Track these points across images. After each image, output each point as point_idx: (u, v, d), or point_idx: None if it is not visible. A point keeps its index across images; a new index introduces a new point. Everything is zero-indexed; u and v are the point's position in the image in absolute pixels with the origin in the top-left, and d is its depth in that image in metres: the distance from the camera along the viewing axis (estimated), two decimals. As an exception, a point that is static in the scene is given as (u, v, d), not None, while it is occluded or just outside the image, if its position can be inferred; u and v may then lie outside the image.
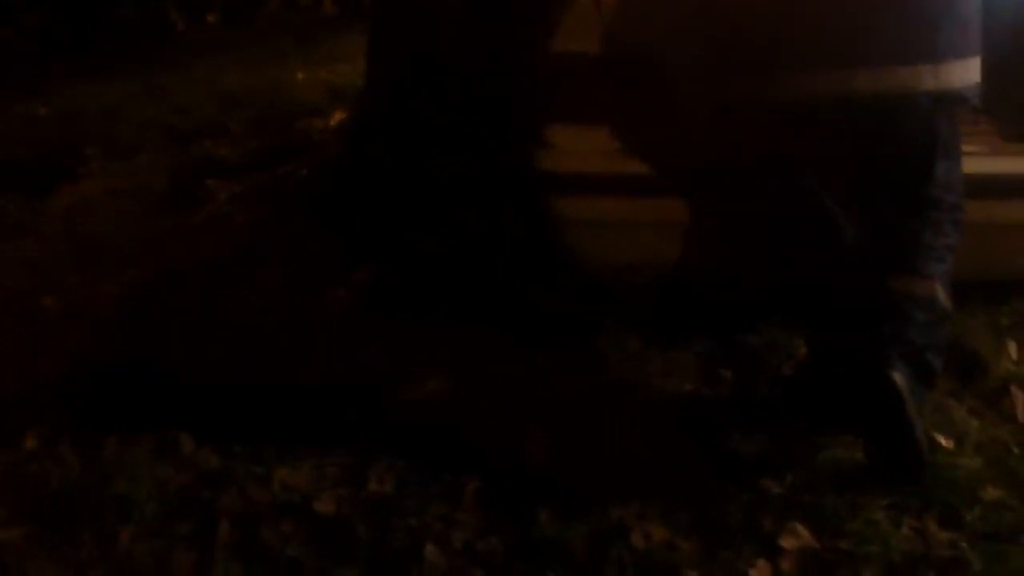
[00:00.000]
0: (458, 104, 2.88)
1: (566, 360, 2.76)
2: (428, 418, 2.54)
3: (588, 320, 2.90)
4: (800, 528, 2.18)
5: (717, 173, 2.56)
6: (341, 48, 6.51)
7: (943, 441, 2.42)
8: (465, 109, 2.88)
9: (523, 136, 2.80)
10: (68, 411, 2.64)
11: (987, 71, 2.33)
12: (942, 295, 2.33)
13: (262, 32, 7.70)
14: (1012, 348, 2.79)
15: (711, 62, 2.42)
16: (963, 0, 2.30)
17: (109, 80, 6.23)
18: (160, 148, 4.74)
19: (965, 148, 2.50)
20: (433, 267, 2.97)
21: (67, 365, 2.84)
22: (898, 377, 2.17)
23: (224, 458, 2.42)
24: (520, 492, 2.30)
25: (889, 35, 2.24)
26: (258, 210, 3.86)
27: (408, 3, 2.96)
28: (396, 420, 2.53)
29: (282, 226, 3.66)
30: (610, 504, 2.26)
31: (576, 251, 2.82)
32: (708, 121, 2.50)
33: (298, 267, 3.30)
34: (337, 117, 5.02)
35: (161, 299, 3.23)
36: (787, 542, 2.15)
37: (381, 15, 3.30)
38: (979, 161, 2.61)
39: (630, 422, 2.53)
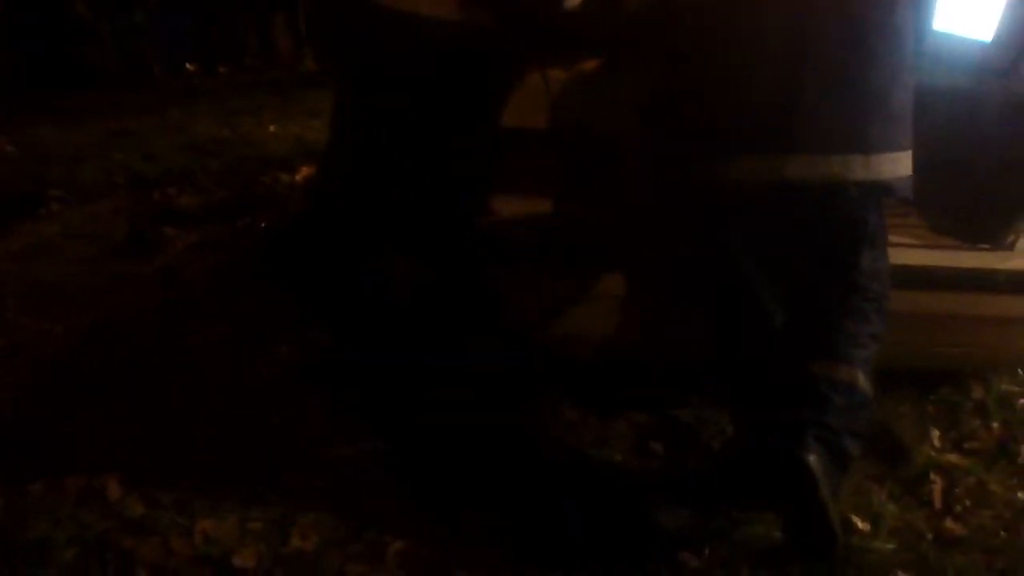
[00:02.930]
0: (411, 169, 2.93)
1: (503, 424, 2.79)
2: (359, 477, 2.56)
3: (527, 386, 2.94)
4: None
5: (653, 251, 2.63)
6: (316, 104, 6.58)
7: (859, 523, 2.46)
8: (417, 173, 2.93)
9: (471, 203, 2.85)
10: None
11: (919, 166, 2.39)
12: (863, 381, 2.36)
13: (240, 84, 7.79)
14: (935, 436, 2.84)
15: (651, 143, 2.49)
16: (896, 95, 2.35)
17: (80, 121, 6.27)
18: (123, 193, 4.78)
19: (893, 239, 2.57)
20: (382, 325, 3.02)
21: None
22: (812, 459, 2.20)
23: (149, 507, 2.42)
24: (441, 555, 2.32)
25: (822, 124, 2.28)
26: (212, 261, 3.89)
27: (367, 73, 3.02)
28: (327, 478, 2.55)
29: (234, 279, 3.70)
30: (528, 572, 2.29)
31: (518, 319, 2.86)
32: (647, 201, 2.57)
33: (245, 321, 3.33)
34: (304, 172, 5.08)
35: (104, 344, 3.25)
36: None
37: (340, 79, 3.37)
38: (907, 253, 2.68)
39: (559, 489, 2.56)
